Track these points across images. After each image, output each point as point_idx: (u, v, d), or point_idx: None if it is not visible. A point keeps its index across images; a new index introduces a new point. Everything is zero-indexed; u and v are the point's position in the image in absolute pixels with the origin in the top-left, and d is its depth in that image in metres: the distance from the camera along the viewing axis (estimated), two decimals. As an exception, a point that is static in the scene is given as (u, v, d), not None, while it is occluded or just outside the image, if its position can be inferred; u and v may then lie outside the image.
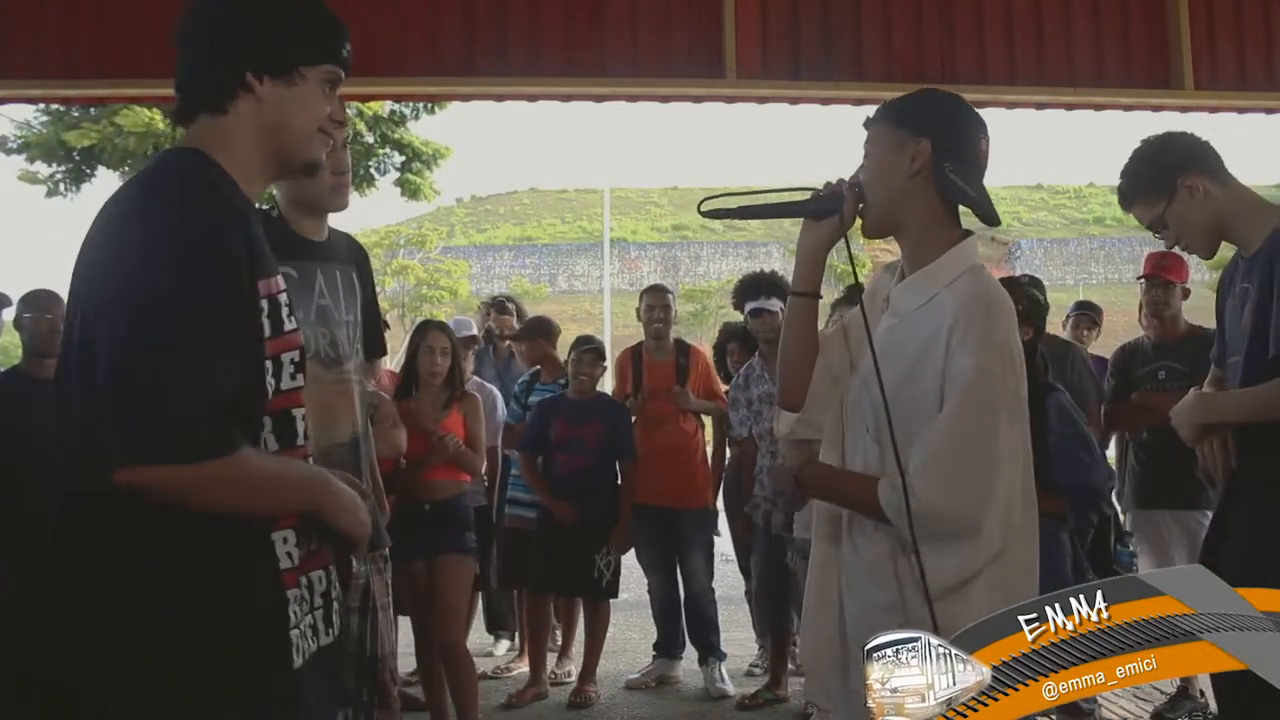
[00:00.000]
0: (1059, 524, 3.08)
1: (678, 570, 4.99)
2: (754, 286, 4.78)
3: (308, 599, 1.53)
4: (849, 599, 1.95)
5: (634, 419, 4.99)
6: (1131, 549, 3.86)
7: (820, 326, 2.12)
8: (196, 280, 1.36)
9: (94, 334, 1.37)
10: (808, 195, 1.99)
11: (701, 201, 1.99)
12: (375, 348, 2.71)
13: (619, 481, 4.87)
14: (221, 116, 1.50)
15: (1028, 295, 3.32)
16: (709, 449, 5.28)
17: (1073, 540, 3.19)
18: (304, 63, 1.52)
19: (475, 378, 5.03)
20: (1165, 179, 2.30)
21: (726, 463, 5.19)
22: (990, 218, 1.94)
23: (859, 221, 1.99)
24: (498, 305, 5.89)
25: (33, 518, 1.58)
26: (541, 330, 5.32)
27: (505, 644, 5.55)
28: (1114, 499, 3.62)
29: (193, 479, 1.33)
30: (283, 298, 1.49)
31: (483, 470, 4.81)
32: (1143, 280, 4.49)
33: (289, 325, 1.50)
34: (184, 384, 1.31)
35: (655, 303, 5.14)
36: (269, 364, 1.45)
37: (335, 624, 1.61)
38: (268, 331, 1.45)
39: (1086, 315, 5.60)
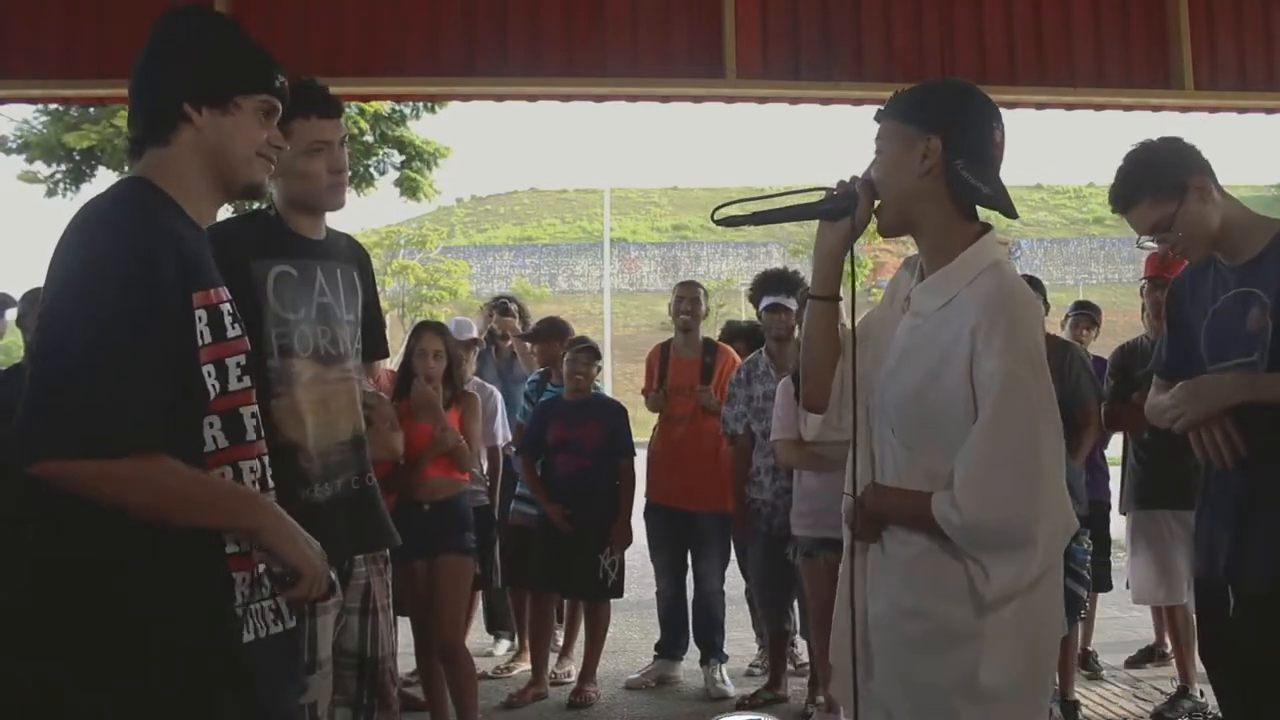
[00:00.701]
0: None
1: (688, 572, 4.97)
2: (773, 282, 4.73)
3: (266, 585, 1.63)
4: (872, 600, 1.93)
5: (656, 416, 4.98)
6: (1085, 546, 3.88)
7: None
8: (102, 299, 1.47)
9: None
10: (820, 195, 1.95)
11: (715, 210, 1.96)
12: (376, 349, 2.68)
13: (618, 481, 4.87)
14: (166, 147, 1.64)
15: None
16: None
17: None
18: (238, 93, 1.66)
19: (476, 378, 5.03)
20: (1177, 178, 2.24)
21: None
22: (1009, 211, 1.89)
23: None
24: (500, 306, 5.86)
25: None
26: (554, 332, 5.31)
27: (505, 644, 5.55)
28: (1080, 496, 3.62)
29: (97, 473, 1.42)
30: (225, 307, 1.63)
31: (483, 469, 4.82)
32: (1145, 282, 4.48)
33: (232, 332, 1.63)
34: (89, 386, 1.43)
35: (684, 294, 5.12)
36: (211, 367, 1.59)
37: (291, 613, 1.67)
38: (207, 339, 1.58)
39: (1086, 315, 5.60)
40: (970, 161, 1.86)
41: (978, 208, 1.93)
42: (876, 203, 1.94)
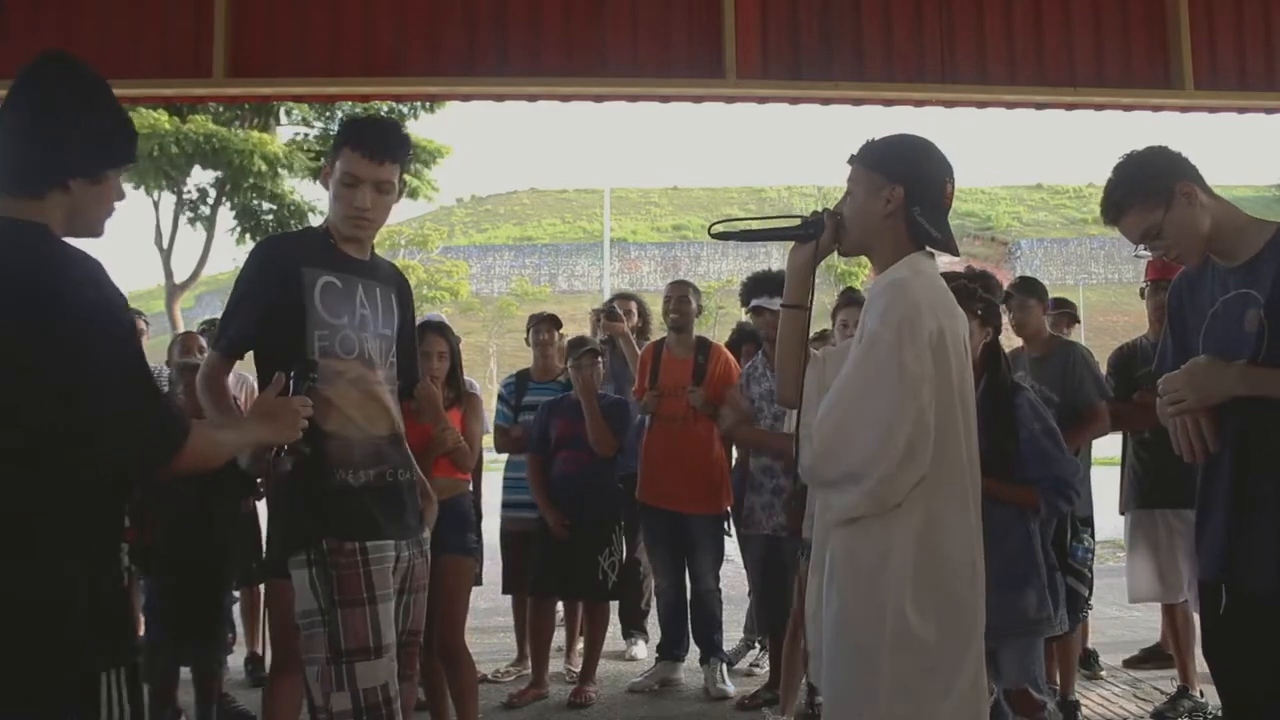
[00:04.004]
0: (1030, 515, 3.18)
1: (686, 572, 4.97)
2: (760, 284, 4.73)
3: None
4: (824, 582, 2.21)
5: (649, 416, 4.94)
6: (1087, 545, 3.86)
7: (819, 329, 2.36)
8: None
9: None
10: (797, 221, 2.32)
11: (712, 225, 2.35)
12: (408, 377, 2.82)
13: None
14: (38, 200, 1.77)
15: (982, 299, 3.32)
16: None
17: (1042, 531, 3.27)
18: (111, 167, 1.84)
19: (469, 378, 5.01)
20: (1163, 184, 2.26)
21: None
22: (953, 252, 2.26)
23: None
24: (609, 311, 5.56)
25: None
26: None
27: (640, 645, 5.50)
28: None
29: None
30: None
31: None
32: (1148, 284, 4.47)
33: None
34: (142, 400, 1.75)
35: (674, 294, 5.08)
36: None
37: None
38: None
39: (1066, 313, 5.57)
40: (925, 209, 2.20)
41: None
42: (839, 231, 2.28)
